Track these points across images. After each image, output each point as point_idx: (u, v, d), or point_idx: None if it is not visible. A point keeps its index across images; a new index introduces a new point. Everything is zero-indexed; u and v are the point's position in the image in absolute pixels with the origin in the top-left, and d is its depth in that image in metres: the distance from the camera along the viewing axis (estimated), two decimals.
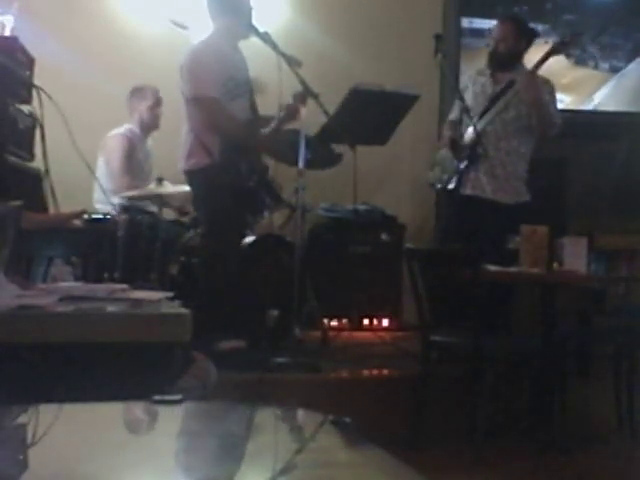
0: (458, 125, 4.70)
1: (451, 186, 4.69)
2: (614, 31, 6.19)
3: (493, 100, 4.63)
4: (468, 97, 4.68)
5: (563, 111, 5.86)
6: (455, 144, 4.67)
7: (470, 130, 4.56)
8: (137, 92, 5.11)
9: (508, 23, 4.81)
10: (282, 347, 4.13)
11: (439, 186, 4.78)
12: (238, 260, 4.24)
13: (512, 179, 4.69)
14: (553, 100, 4.75)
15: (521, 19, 5.04)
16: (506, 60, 4.71)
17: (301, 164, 4.15)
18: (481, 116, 4.60)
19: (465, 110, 4.51)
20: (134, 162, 5.00)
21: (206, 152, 4.10)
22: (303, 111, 4.15)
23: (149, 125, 5.13)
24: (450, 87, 4.88)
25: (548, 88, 4.73)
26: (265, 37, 4.12)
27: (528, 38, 4.79)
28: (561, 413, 4.00)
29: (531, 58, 4.72)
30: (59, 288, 1.98)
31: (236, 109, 4.17)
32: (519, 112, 4.64)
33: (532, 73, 4.56)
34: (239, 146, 4.13)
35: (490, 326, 3.82)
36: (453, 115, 4.85)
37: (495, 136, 4.58)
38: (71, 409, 1.31)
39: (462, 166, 4.61)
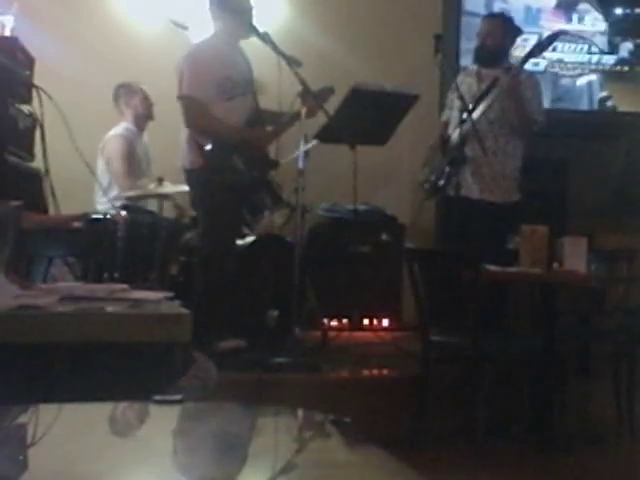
0: (449, 126, 4.75)
1: (439, 184, 4.68)
2: None
3: (478, 100, 4.63)
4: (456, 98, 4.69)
5: (563, 111, 5.89)
6: (445, 143, 4.68)
7: (457, 131, 4.55)
8: (125, 89, 5.07)
9: (495, 19, 4.89)
10: (282, 347, 4.12)
11: (427, 186, 4.78)
12: (236, 259, 4.24)
13: (499, 178, 4.68)
14: (536, 95, 4.77)
15: (507, 16, 5.08)
16: (492, 56, 4.75)
17: (301, 164, 4.16)
18: (468, 116, 4.58)
19: (463, 110, 4.50)
20: (134, 161, 5.00)
21: (200, 152, 4.10)
22: (303, 112, 4.15)
23: (145, 117, 5.10)
24: (450, 87, 4.89)
25: (531, 83, 4.75)
26: (265, 37, 4.12)
27: (513, 35, 4.86)
28: (561, 413, 4.00)
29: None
30: (59, 288, 1.98)
31: (234, 109, 4.16)
32: (503, 109, 4.64)
33: (515, 69, 4.58)
34: (229, 144, 4.11)
35: (490, 326, 3.82)
36: (445, 116, 4.88)
37: (481, 136, 4.56)
38: (71, 409, 1.31)
39: (448, 167, 4.61)
